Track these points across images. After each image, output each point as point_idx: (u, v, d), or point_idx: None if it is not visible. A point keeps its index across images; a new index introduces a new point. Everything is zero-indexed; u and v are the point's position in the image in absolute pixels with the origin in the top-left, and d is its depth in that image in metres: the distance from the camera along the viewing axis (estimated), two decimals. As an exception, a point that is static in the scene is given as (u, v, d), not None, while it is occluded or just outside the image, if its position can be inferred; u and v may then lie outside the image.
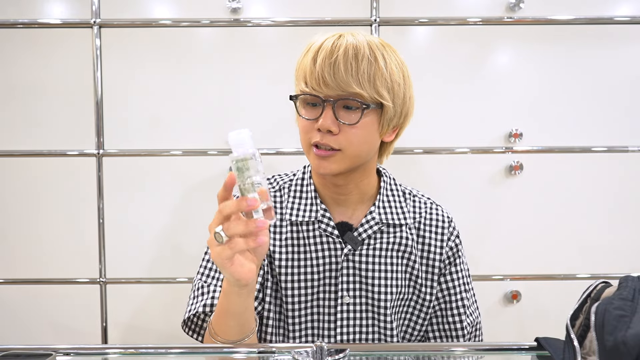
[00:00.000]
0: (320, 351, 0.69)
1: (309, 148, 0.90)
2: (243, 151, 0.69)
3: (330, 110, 0.87)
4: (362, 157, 0.92)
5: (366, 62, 0.85)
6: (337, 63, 0.84)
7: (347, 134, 0.87)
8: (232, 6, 1.38)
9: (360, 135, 0.88)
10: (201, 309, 0.92)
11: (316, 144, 0.88)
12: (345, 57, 0.85)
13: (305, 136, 0.91)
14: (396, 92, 0.89)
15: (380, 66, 0.86)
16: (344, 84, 0.85)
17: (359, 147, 0.89)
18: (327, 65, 0.85)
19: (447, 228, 1.01)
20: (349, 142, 0.88)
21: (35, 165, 1.43)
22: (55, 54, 1.41)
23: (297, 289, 0.95)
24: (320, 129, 0.87)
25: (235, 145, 0.70)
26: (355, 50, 0.85)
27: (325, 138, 0.87)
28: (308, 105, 0.90)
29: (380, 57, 0.87)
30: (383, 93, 0.87)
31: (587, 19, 1.39)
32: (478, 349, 0.81)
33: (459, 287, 1.00)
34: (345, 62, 0.84)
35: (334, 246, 0.95)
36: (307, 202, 0.98)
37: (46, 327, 1.46)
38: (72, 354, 0.74)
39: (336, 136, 0.87)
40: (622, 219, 1.43)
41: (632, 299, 0.63)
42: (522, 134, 1.41)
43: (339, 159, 0.89)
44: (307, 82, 0.88)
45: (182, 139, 1.43)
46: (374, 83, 0.86)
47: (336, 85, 0.85)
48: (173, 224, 1.44)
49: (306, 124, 0.90)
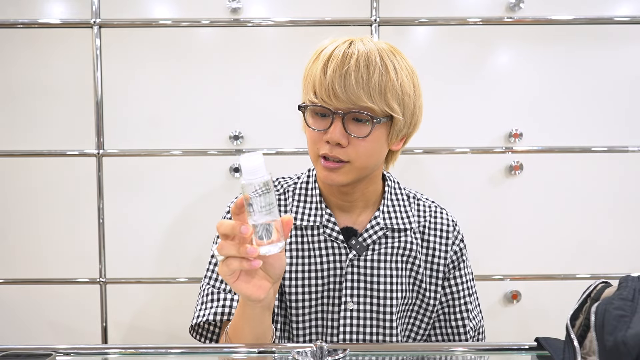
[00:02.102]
0: (320, 351, 0.69)
1: (317, 158, 0.90)
2: (255, 179, 0.66)
3: (339, 123, 0.85)
4: (370, 168, 0.91)
5: (377, 74, 0.83)
6: (348, 74, 0.83)
7: (356, 147, 0.86)
8: (232, 6, 1.38)
9: (369, 148, 0.87)
10: (212, 317, 0.91)
11: (324, 156, 0.88)
12: (357, 68, 0.83)
13: (313, 146, 0.89)
14: (407, 104, 0.88)
15: (391, 77, 0.85)
16: (354, 97, 0.83)
17: (367, 159, 0.89)
18: (338, 77, 0.83)
19: (452, 232, 1.00)
20: (357, 155, 0.87)
21: (35, 165, 1.43)
22: (55, 54, 1.41)
23: (302, 293, 0.94)
24: (330, 141, 0.86)
25: (247, 171, 0.66)
26: (367, 61, 0.83)
27: (334, 150, 0.86)
28: (317, 115, 0.88)
29: (392, 67, 0.85)
30: (394, 106, 0.86)
31: (587, 19, 1.39)
32: (478, 349, 0.81)
33: (463, 292, 1.00)
34: (356, 73, 0.83)
35: (339, 251, 0.95)
36: (312, 206, 0.97)
37: (46, 327, 1.46)
38: (72, 354, 0.74)
39: (345, 149, 0.86)
40: (622, 219, 1.43)
41: (632, 299, 0.63)
42: (522, 134, 1.41)
43: (347, 171, 0.88)
44: (317, 92, 0.86)
45: (182, 139, 1.43)
46: (385, 95, 0.84)
47: (347, 98, 0.83)
48: (173, 224, 1.44)
49: (314, 135, 0.88)
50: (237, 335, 0.82)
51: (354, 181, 0.91)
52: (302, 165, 1.05)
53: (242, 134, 1.41)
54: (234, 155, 1.42)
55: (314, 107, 0.88)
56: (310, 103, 0.88)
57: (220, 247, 0.70)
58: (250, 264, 0.68)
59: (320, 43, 0.90)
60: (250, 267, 0.69)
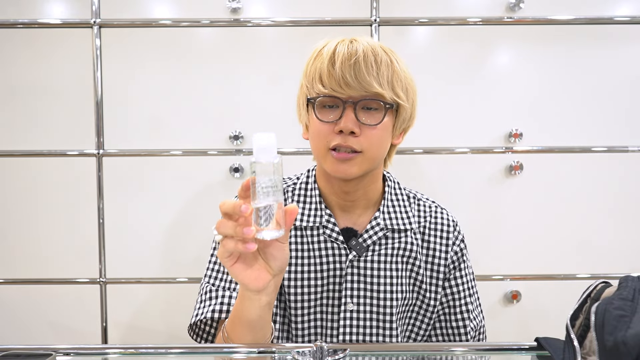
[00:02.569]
0: (320, 351, 0.69)
1: (326, 152, 0.89)
2: (266, 157, 0.65)
3: (351, 112, 0.86)
4: (378, 160, 0.92)
5: (385, 65, 0.86)
6: (357, 64, 0.85)
7: (367, 136, 0.87)
8: (232, 6, 1.38)
9: (380, 136, 0.88)
10: (209, 314, 0.91)
11: (335, 147, 0.87)
12: (366, 59, 0.85)
13: (322, 140, 0.89)
14: (409, 94, 0.91)
15: (396, 69, 0.88)
16: (366, 84, 0.85)
17: (378, 149, 0.89)
18: (348, 67, 0.85)
19: (452, 232, 1.00)
20: (370, 144, 0.87)
21: (35, 165, 1.43)
22: (55, 54, 1.41)
23: (301, 294, 0.94)
24: (343, 130, 0.86)
25: (259, 150, 0.65)
26: (374, 53, 0.86)
27: (348, 140, 0.86)
28: (325, 108, 0.89)
29: (395, 61, 0.89)
30: (400, 94, 0.88)
31: (587, 19, 1.39)
32: (478, 349, 0.81)
33: (463, 292, 0.99)
34: (365, 63, 0.85)
35: (339, 252, 0.95)
36: (311, 206, 0.97)
37: (46, 327, 1.46)
38: (72, 354, 0.74)
39: (358, 138, 0.87)
40: (622, 219, 1.43)
41: (632, 299, 0.63)
42: (522, 134, 1.41)
43: (359, 162, 0.88)
44: (326, 84, 0.87)
45: (182, 139, 1.43)
46: (392, 84, 0.87)
47: (359, 85, 0.85)
48: (173, 224, 1.44)
49: (323, 127, 0.88)
50: (235, 331, 0.80)
51: (363, 174, 0.90)
52: (302, 165, 1.05)
53: (242, 134, 1.41)
54: (234, 155, 1.42)
55: (323, 99, 0.88)
56: (321, 94, 0.88)
57: (219, 224, 0.69)
58: (245, 247, 0.67)
59: (317, 44, 0.91)
60: (245, 249, 0.67)
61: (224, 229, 0.68)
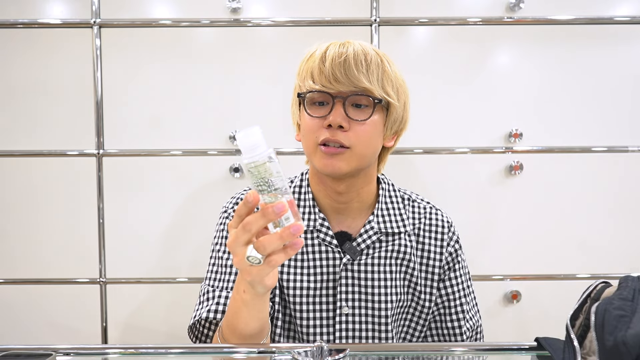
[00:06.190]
0: (320, 351, 0.69)
1: (315, 148, 0.89)
2: (257, 155, 0.59)
3: (340, 107, 0.87)
4: (368, 159, 0.92)
5: (374, 63, 0.88)
6: (347, 61, 0.86)
7: (356, 131, 0.88)
8: (232, 6, 1.38)
9: (368, 132, 0.89)
10: (205, 314, 0.91)
11: (324, 142, 0.88)
12: (356, 58, 0.87)
13: (311, 135, 0.90)
14: (400, 94, 0.92)
15: (386, 68, 0.90)
16: (355, 79, 0.86)
17: (367, 146, 0.89)
18: (338, 64, 0.86)
19: (447, 233, 1.00)
20: (358, 140, 0.88)
21: (35, 165, 1.43)
22: (55, 54, 1.41)
23: (299, 296, 0.94)
24: (332, 124, 0.87)
25: (246, 149, 0.60)
26: (364, 53, 0.88)
27: (336, 135, 0.87)
28: (315, 104, 0.90)
29: (386, 62, 0.91)
30: (390, 92, 0.89)
31: (587, 19, 1.39)
32: (478, 349, 0.81)
33: (458, 293, 1.00)
34: (355, 61, 0.87)
35: (333, 255, 0.95)
36: (305, 210, 0.97)
37: (46, 327, 1.46)
38: (72, 354, 0.74)
39: (346, 133, 0.87)
40: (622, 219, 1.43)
41: (632, 299, 0.63)
42: (522, 134, 1.41)
43: (347, 157, 0.88)
44: (316, 80, 0.88)
45: (182, 139, 1.42)
46: (382, 82, 0.89)
47: (348, 81, 0.86)
48: (173, 224, 1.44)
49: (313, 123, 0.89)
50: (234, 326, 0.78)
51: (353, 171, 0.90)
52: (302, 166, 1.05)
53: (242, 134, 1.41)
54: (234, 155, 1.42)
55: (313, 95, 0.89)
56: (311, 90, 0.89)
57: (259, 246, 0.63)
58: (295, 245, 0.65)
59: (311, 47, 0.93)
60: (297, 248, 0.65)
61: (271, 246, 0.63)
